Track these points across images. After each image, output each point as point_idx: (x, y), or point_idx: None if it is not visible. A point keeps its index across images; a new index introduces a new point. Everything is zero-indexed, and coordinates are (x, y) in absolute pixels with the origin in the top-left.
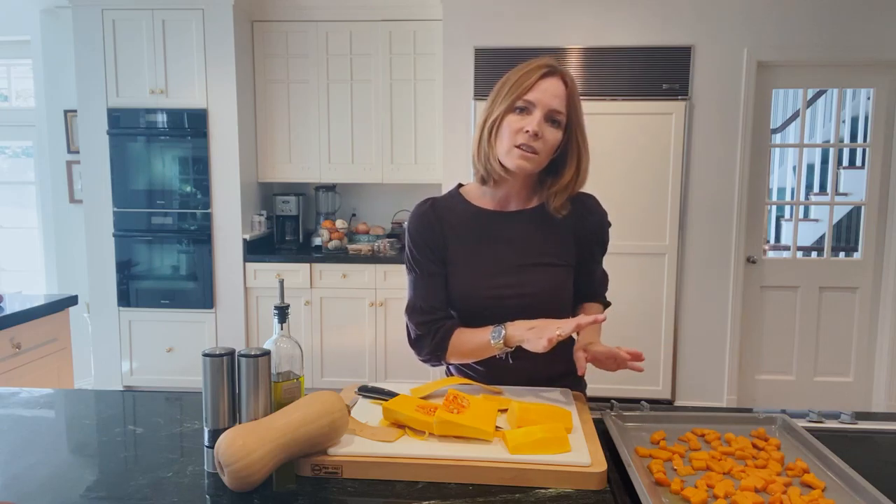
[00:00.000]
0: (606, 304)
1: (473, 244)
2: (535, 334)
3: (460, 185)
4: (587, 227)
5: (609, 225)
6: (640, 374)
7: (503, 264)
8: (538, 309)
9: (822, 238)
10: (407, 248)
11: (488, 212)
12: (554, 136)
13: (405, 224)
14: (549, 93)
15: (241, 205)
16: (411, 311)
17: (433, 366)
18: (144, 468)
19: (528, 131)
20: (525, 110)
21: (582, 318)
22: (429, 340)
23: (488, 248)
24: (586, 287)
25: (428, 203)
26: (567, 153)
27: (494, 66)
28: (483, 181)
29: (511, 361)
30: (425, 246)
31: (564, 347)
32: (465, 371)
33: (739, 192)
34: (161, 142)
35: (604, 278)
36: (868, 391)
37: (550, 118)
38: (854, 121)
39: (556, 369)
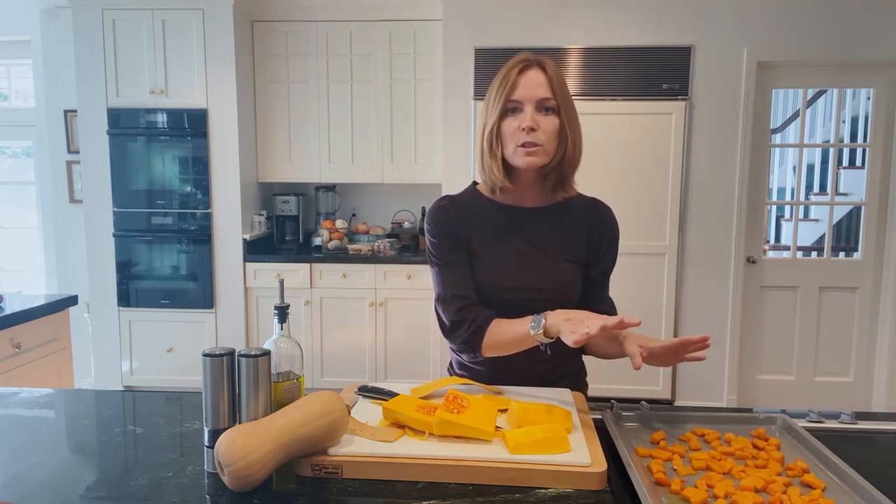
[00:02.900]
0: None
1: (493, 238)
2: (570, 327)
3: (475, 183)
4: (600, 230)
5: (618, 236)
6: (640, 374)
7: (521, 258)
8: (547, 304)
9: (822, 238)
10: (428, 243)
11: (506, 206)
12: (551, 122)
13: (405, 224)
14: (532, 85)
15: (241, 205)
16: (443, 301)
17: (469, 357)
18: (144, 468)
19: (524, 128)
20: (515, 110)
21: (609, 319)
22: (465, 328)
23: (507, 241)
24: (596, 305)
25: (446, 199)
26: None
27: (494, 66)
28: (492, 191)
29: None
30: (447, 236)
31: (566, 351)
32: (465, 372)
33: (739, 192)
34: (161, 142)
35: (611, 306)
36: (868, 391)
37: (542, 107)
38: (854, 121)
39: (557, 374)
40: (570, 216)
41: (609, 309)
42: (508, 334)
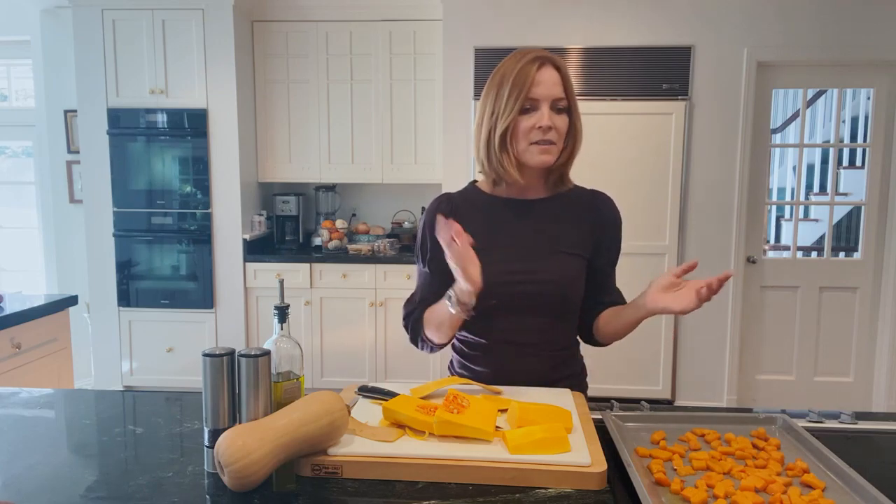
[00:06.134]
0: None
1: (488, 230)
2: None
3: (474, 182)
4: (603, 220)
5: (621, 224)
6: (640, 374)
7: (517, 251)
8: (550, 297)
9: (822, 238)
10: (419, 238)
11: (504, 199)
12: (564, 122)
13: (405, 224)
14: (548, 83)
15: (241, 205)
16: (410, 300)
17: (429, 351)
18: (144, 468)
19: (541, 127)
20: (531, 108)
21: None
22: (409, 327)
23: (503, 234)
24: (606, 296)
25: (444, 196)
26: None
27: (494, 66)
28: (495, 183)
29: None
30: (434, 243)
31: (567, 352)
32: (466, 371)
33: (739, 192)
34: (161, 142)
35: (620, 296)
36: (868, 391)
37: (555, 106)
38: (854, 121)
39: (557, 373)
40: (570, 208)
41: (617, 299)
42: (437, 319)
